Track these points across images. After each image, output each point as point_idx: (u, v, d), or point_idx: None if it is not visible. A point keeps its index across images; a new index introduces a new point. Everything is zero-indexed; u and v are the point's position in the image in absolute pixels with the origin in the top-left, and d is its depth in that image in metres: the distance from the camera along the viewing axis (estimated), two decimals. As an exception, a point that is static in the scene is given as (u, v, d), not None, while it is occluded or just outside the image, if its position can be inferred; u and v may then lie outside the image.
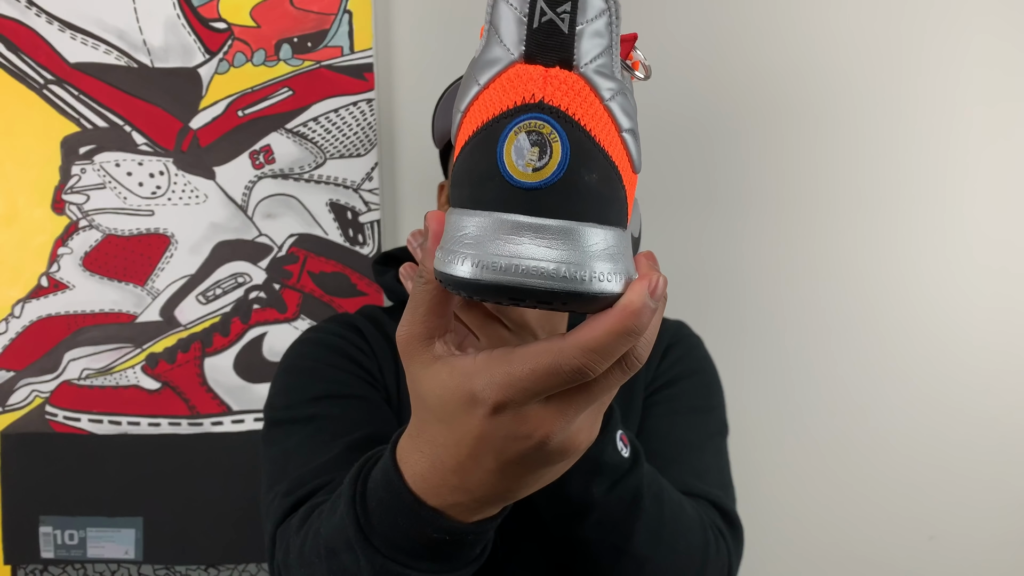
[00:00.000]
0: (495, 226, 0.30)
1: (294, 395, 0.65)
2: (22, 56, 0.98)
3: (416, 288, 0.35)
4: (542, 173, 0.29)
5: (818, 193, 1.02)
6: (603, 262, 0.30)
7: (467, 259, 0.30)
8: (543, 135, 0.29)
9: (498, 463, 0.35)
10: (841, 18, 1.01)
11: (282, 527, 0.54)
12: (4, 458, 1.00)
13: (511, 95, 0.30)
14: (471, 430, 0.34)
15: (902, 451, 1.04)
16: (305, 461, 0.58)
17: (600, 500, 0.49)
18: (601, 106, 0.31)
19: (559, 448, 0.35)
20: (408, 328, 0.35)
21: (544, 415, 0.34)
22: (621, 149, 0.32)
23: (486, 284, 0.30)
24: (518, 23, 0.30)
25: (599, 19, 0.30)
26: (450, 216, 0.32)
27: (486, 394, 0.33)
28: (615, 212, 0.31)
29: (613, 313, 0.30)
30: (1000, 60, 1.00)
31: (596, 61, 0.30)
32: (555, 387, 0.32)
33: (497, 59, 0.31)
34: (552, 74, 0.30)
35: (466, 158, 0.32)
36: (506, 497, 0.38)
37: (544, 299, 0.30)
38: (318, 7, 0.98)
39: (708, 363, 0.76)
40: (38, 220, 0.99)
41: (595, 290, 0.30)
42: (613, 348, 0.31)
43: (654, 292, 0.31)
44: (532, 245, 0.29)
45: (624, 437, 0.50)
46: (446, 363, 0.35)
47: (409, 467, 0.39)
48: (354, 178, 0.99)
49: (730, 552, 0.60)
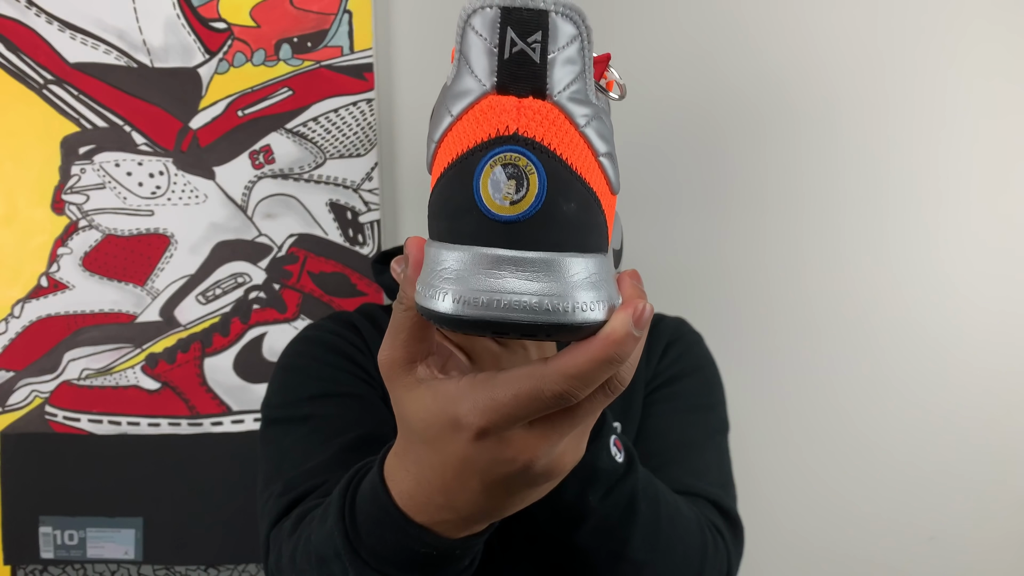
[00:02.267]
0: (475, 260, 0.30)
1: (290, 394, 0.66)
2: (22, 56, 0.98)
3: (396, 314, 0.35)
4: (520, 206, 0.29)
5: (817, 193, 1.02)
6: (585, 291, 0.30)
7: (448, 294, 0.30)
8: (519, 167, 0.29)
9: (483, 485, 0.35)
10: (841, 18, 1.00)
11: (275, 530, 0.54)
12: (4, 458, 1.00)
13: (484, 127, 0.30)
14: (455, 453, 0.34)
15: (902, 451, 1.04)
16: (299, 462, 0.59)
17: (595, 507, 0.49)
18: (577, 133, 0.30)
19: (544, 471, 0.35)
20: (390, 352, 0.36)
21: (528, 440, 0.34)
22: (599, 174, 0.32)
23: (468, 319, 0.30)
24: (488, 54, 0.30)
25: (570, 46, 0.30)
26: (429, 248, 0.32)
27: (470, 419, 0.33)
28: (595, 238, 0.31)
29: (596, 341, 0.30)
30: (1001, 59, 1.00)
31: (569, 88, 0.30)
32: (537, 412, 0.32)
33: (468, 90, 0.30)
34: (525, 104, 0.30)
35: (442, 190, 0.31)
36: (492, 515, 0.39)
37: (528, 332, 0.30)
38: (318, 7, 0.98)
39: (708, 360, 0.76)
40: (38, 220, 0.99)
41: (578, 320, 0.30)
42: (595, 375, 0.31)
43: (638, 321, 0.31)
44: (513, 279, 0.29)
45: (618, 442, 0.50)
46: (429, 387, 0.35)
47: (396, 484, 0.39)
48: (354, 178, 0.99)
49: (729, 552, 0.60)
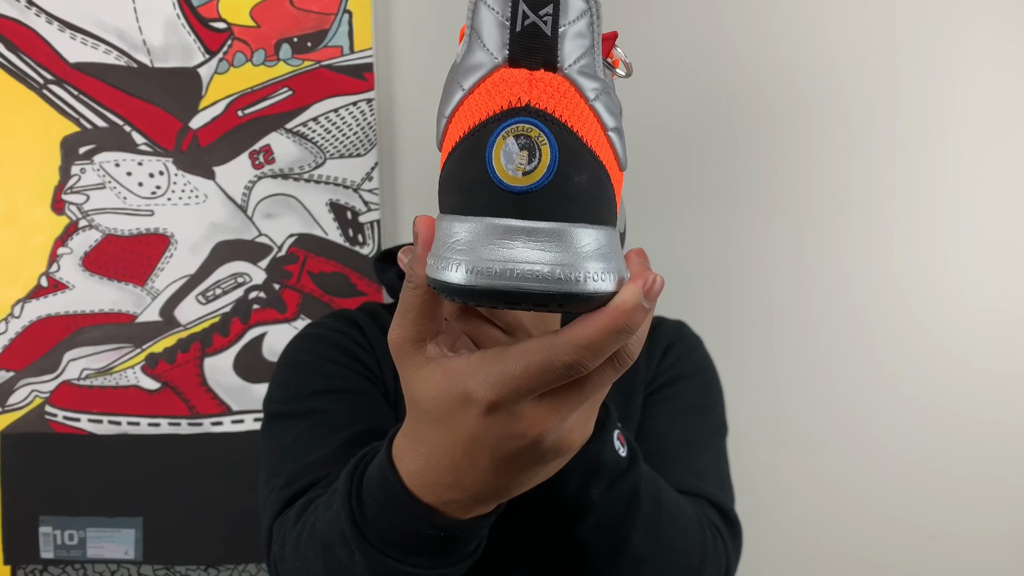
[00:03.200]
0: (487, 231, 0.30)
1: (293, 389, 0.66)
2: (22, 56, 0.98)
3: (406, 292, 0.35)
4: (532, 176, 0.30)
5: (818, 192, 1.02)
6: (596, 262, 0.31)
7: (461, 265, 0.30)
8: (531, 138, 0.30)
9: (493, 461, 0.36)
10: (842, 15, 1.00)
11: (279, 520, 0.54)
12: (4, 458, 1.00)
13: (497, 99, 0.30)
14: (465, 429, 0.35)
15: (902, 451, 1.04)
16: (303, 455, 0.59)
17: (598, 500, 0.49)
18: (587, 107, 0.31)
19: (553, 446, 0.35)
20: (399, 332, 0.36)
21: (538, 413, 0.34)
22: (608, 148, 0.32)
23: (481, 289, 0.30)
24: (500, 27, 0.30)
25: (581, 20, 0.30)
26: (440, 222, 0.32)
27: (480, 393, 0.33)
28: (605, 211, 0.32)
29: (606, 312, 0.31)
30: (1002, 58, 1.00)
31: (579, 62, 0.31)
32: (548, 384, 0.32)
33: (480, 64, 0.31)
34: (537, 77, 0.30)
35: (454, 164, 0.32)
36: (501, 495, 0.39)
37: (540, 302, 0.30)
38: (318, 7, 0.98)
39: (708, 363, 0.76)
40: (38, 220, 0.99)
41: (589, 290, 0.30)
42: (605, 345, 0.31)
43: (649, 292, 0.31)
44: (525, 248, 0.30)
45: (621, 437, 0.50)
46: (439, 364, 0.35)
47: (404, 464, 0.39)
48: (354, 178, 0.99)
49: (728, 551, 0.60)
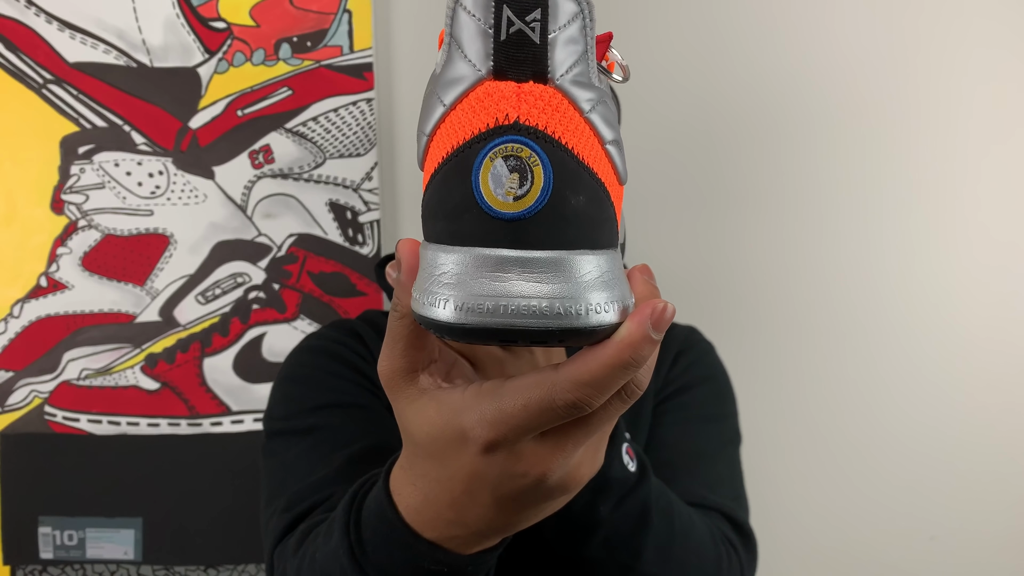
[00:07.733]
0: (476, 262, 0.27)
1: (293, 405, 0.64)
2: (21, 56, 0.98)
3: (392, 322, 0.33)
4: (524, 201, 0.27)
5: (821, 192, 1.02)
6: (598, 291, 0.28)
7: (449, 301, 0.27)
8: (522, 159, 0.27)
9: (494, 499, 0.34)
10: (843, 17, 1.00)
11: (279, 548, 0.52)
12: (3, 458, 1.00)
13: (482, 116, 0.27)
14: (463, 467, 0.32)
15: (903, 451, 1.03)
16: (304, 475, 0.57)
17: (606, 518, 0.47)
18: (582, 120, 0.28)
19: (559, 484, 0.33)
20: (388, 363, 0.33)
21: (540, 452, 0.32)
22: (606, 163, 0.29)
23: (472, 328, 0.27)
24: (483, 35, 0.27)
25: (572, 24, 0.27)
26: (424, 251, 0.29)
27: (476, 432, 0.31)
28: (606, 233, 0.29)
29: (610, 345, 0.28)
30: (1002, 58, 1.00)
31: (572, 71, 0.28)
32: (549, 423, 0.30)
33: (462, 76, 0.28)
34: (526, 90, 0.27)
35: (437, 188, 0.29)
36: (506, 530, 0.37)
37: (538, 339, 0.27)
38: (318, 6, 0.97)
39: (720, 370, 0.74)
40: (37, 220, 0.99)
41: (592, 324, 0.27)
42: (610, 382, 0.29)
43: (658, 323, 0.28)
44: (520, 281, 0.27)
45: (630, 450, 0.48)
46: (433, 397, 0.33)
47: (403, 499, 0.37)
48: (354, 178, 0.99)
49: (743, 566, 0.58)
